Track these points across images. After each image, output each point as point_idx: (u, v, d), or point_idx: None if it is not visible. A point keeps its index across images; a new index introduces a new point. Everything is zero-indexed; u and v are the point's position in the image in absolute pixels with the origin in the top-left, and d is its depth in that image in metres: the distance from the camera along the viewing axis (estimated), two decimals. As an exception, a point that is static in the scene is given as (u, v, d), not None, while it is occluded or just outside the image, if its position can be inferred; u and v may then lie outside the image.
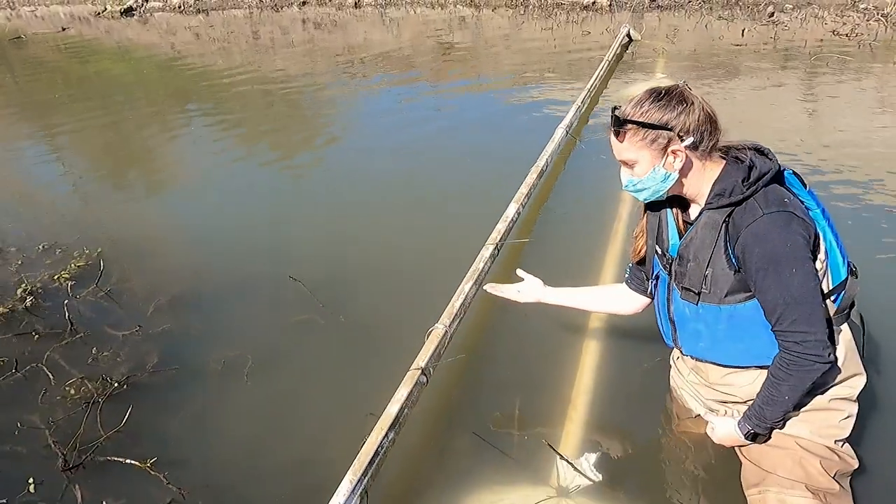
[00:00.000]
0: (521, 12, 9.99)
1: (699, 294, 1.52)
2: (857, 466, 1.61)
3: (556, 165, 3.84)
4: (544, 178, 3.52)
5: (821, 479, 1.52)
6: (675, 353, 1.84)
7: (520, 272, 2.12)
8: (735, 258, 1.41)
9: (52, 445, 2.03)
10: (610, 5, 9.48)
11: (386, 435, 1.75)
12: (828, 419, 1.56)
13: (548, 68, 6.53)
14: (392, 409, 1.82)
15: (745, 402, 1.62)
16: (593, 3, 9.54)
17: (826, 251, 1.43)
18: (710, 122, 1.41)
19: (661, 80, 5.52)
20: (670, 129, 1.39)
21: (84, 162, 4.98)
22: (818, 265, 1.41)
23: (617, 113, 1.44)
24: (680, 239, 1.54)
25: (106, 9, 12.36)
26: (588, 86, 4.91)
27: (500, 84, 6.17)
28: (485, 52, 7.72)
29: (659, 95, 1.41)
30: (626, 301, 1.91)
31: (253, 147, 4.99)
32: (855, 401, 1.59)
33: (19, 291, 2.85)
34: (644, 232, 1.69)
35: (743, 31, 7.59)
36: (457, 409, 2.16)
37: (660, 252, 1.63)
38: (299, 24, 11.06)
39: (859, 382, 1.58)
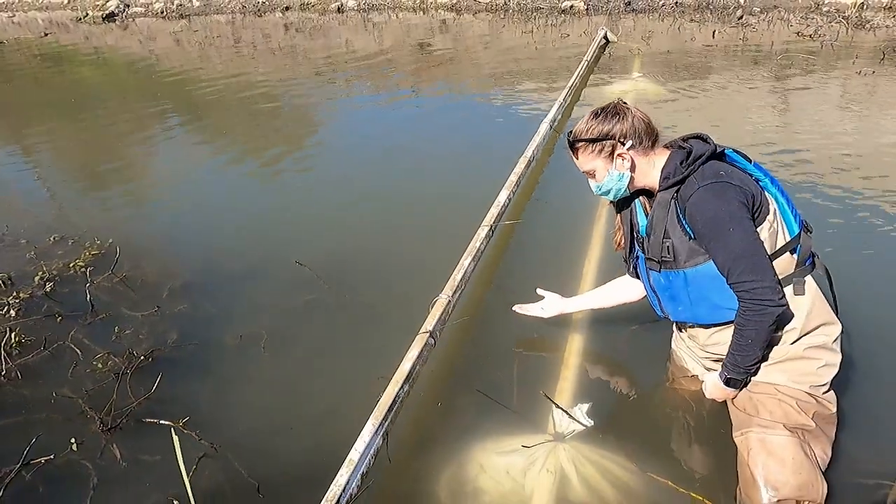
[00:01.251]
0: (502, 16, 10.27)
1: (660, 262, 1.79)
2: (834, 411, 1.80)
3: (542, 157, 4.08)
4: (531, 169, 3.75)
5: (798, 418, 1.72)
6: None
7: (540, 291, 2.41)
8: (689, 227, 1.67)
9: (87, 411, 2.19)
10: (587, 9, 9.81)
11: (401, 387, 1.95)
12: (803, 367, 1.76)
13: (530, 69, 6.79)
14: (405, 365, 2.02)
15: None
16: (571, 7, 9.86)
17: (777, 211, 1.68)
18: (645, 124, 1.73)
19: (638, 80, 5.81)
20: (611, 138, 1.71)
21: (75, 165, 5.08)
22: (768, 224, 1.64)
23: (569, 137, 1.79)
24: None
25: (87, 14, 12.36)
26: (569, 84, 5.17)
27: (485, 84, 6.41)
28: (467, 55, 7.96)
29: (597, 113, 1.76)
30: (632, 289, 2.20)
31: (241, 147, 5.15)
32: (832, 349, 1.78)
33: (37, 279, 2.99)
34: (620, 226, 1.99)
35: (714, 32, 7.95)
36: (461, 369, 2.37)
37: (635, 234, 1.91)
38: (282, 29, 11.20)
39: (833, 331, 1.78)
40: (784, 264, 1.69)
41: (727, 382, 1.81)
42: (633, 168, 1.75)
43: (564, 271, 2.88)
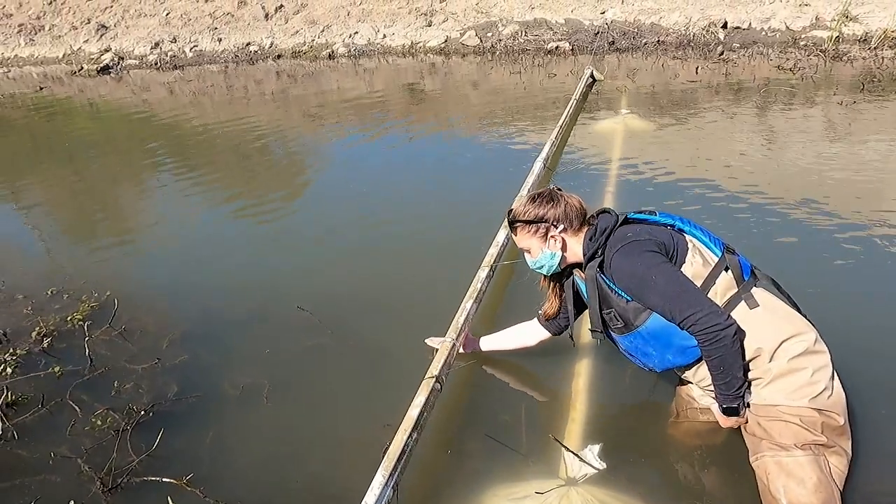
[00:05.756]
0: (489, 58, 10.51)
1: (601, 332, 1.93)
2: (842, 423, 1.74)
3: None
4: (527, 207, 3.78)
5: (806, 435, 1.71)
6: None
7: None
8: (622, 292, 1.80)
9: (87, 471, 2.14)
10: (572, 49, 10.06)
11: (410, 435, 1.92)
12: (795, 381, 1.74)
13: (519, 108, 6.92)
14: (413, 412, 1.99)
15: None
16: (556, 47, 10.11)
17: (696, 245, 1.81)
18: (576, 209, 1.91)
19: (626, 116, 5.92)
20: (545, 222, 1.89)
21: (70, 217, 5.07)
22: (690, 262, 1.76)
23: (509, 217, 1.95)
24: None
25: (82, 68, 12.55)
26: (560, 122, 5.26)
27: (475, 123, 6.51)
28: (457, 96, 8.12)
29: (534, 198, 1.95)
30: (533, 335, 2.37)
31: (236, 192, 5.15)
32: (815, 351, 1.76)
33: (34, 334, 2.95)
34: (554, 297, 2.18)
35: (697, 69, 8.15)
36: (468, 414, 2.34)
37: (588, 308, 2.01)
38: (274, 76, 11.40)
39: (808, 335, 1.78)
40: (725, 284, 1.77)
41: (725, 412, 1.83)
42: (564, 248, 1.93)
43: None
